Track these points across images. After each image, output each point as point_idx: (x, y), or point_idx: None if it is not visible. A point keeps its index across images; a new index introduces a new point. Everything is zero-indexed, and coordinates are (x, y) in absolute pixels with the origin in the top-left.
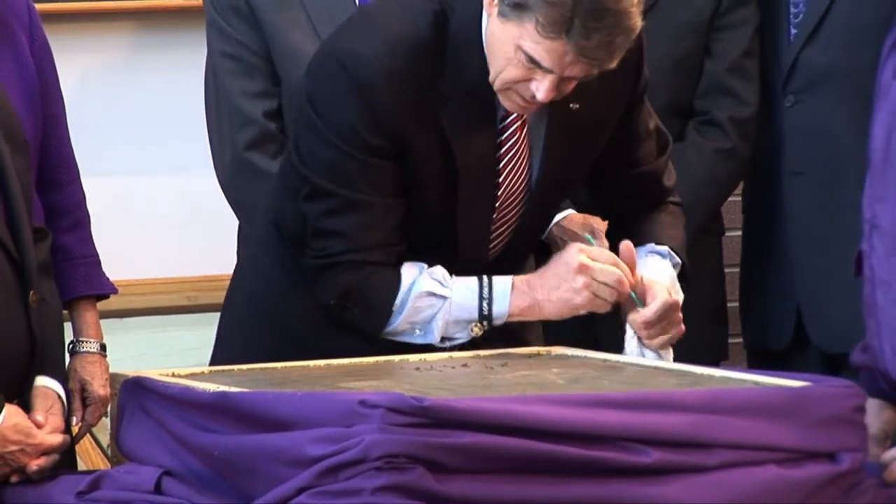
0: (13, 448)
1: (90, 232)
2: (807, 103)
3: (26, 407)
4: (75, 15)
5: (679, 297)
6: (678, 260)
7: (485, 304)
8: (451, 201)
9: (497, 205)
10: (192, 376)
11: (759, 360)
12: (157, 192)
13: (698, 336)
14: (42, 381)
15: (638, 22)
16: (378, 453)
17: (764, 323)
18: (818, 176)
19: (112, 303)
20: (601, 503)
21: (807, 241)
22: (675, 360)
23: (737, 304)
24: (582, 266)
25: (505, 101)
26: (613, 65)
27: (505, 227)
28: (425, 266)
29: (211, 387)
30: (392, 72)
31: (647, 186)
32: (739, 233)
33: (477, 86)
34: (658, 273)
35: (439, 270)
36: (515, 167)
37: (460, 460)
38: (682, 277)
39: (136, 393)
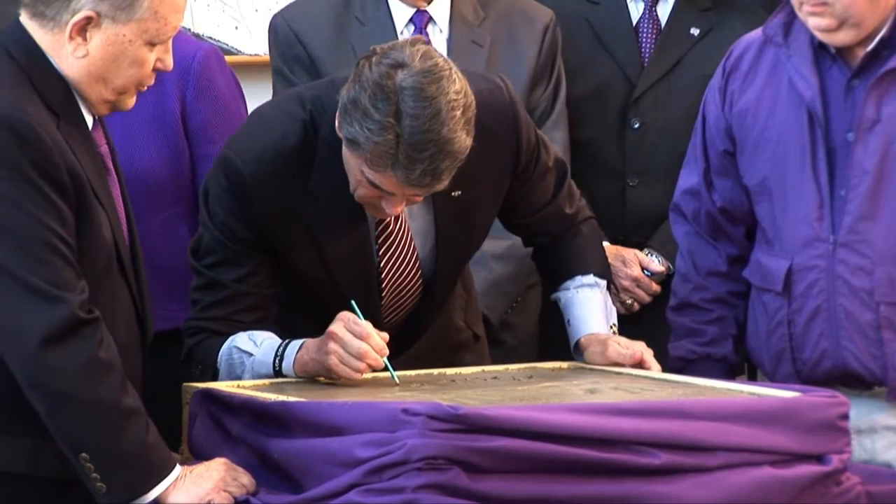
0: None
1: None
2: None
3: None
4: None
5: (614, 317)
6: (604, 281)
7: (277, 360)
8: (333, 285)
9: (384, 286)
10: (255, 387)
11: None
12: None
13: None
14: None
15: (465, 143)
16: (419, 455)
17: None
18: None
19: None
20: (616, 499)
21: None
22: None
23: None
24: (332, 334)
25: (367, 209)
26: (443, 186)
27: (405, 299)
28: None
29: (272, 396)
30: (258, 178)
31: (551, 223)
32: None
33: (343, 187)
34: (596, 315)
35: (262, 334)
36: (398, 254)
37: (491, 462)
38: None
39: (205, 402)
